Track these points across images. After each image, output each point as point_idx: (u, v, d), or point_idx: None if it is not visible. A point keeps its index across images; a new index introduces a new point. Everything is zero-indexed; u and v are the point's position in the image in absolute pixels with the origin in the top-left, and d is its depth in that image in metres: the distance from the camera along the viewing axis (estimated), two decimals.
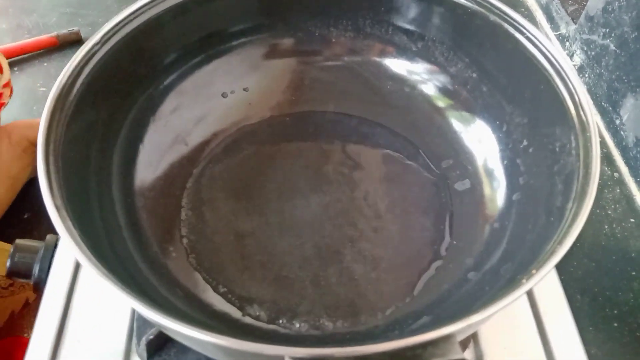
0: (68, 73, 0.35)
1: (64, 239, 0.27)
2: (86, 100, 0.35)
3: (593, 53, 0.70)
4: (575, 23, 0.76)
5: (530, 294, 0.41)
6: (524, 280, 0.27)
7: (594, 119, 0.33)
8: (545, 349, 0.39)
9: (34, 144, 0.67)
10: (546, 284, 0.41)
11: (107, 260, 0.28)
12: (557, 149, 0.35)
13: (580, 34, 0.73)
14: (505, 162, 0.40)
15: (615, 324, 0.49)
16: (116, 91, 0.38)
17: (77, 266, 0.41)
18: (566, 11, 0.80)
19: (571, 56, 0.71)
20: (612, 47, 0.66)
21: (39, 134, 0.31)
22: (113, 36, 0.37)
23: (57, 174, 0.30)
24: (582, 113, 0.34)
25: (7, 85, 0.62)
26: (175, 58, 0.42)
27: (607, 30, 0.66)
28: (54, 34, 0.89)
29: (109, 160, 0.37)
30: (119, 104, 0.39)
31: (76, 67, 0.35)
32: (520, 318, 0.40)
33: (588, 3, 0.71)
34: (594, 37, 0.70)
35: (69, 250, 0.27)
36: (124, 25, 0.37)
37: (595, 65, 0.69)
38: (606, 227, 0.57)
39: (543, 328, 0.39)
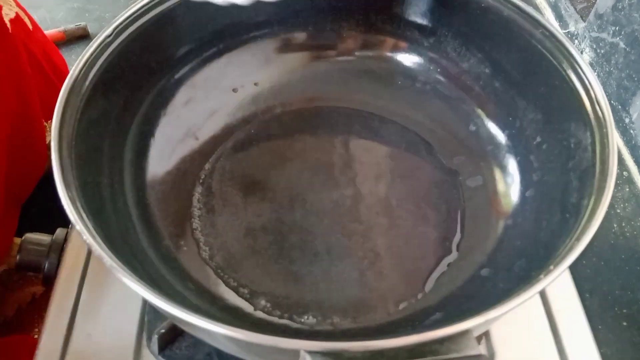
0: (80, 66, 0.34)
1: (79, 230, 0.27)
2: (98, 93, 0.35)
3: (602, 51, 0.70)
4: (584, 21, 0.75)
5: (542, 292, 0.40)
6: (541, 276, 0.27)
7: (610, 114, 0.33)
8: (557, 347, 0.38)
9: (47, 147, 0.67)
10: (558, 282, 0.41)
11: (120, 253, 0.28)
12: (572, 145, 0.35)
13: (589, 31, 0.73)
14: (518, 158, 0.40)
15: (625, 323, 0.48)
16: (128, 84, 0.38)
17: (88, 260, 0.41)
18: (575, 9, 0.80)
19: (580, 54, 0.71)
20: (621, 45, 0.65)
21: (52, 126, 0.31)
22: (125, 29, 0.37)
23: (70, 165, 0.30)
24: (598, 108, 0.33)
25: None
26: (187, 51, 0.42)
27: (617, 28, 0.65)
28: (61, 28, 0.89)
29: (121, 153, 0.37)
30: (130, 96, 0.38)
31: (88, 59, 0.35)
32: (532, 316, 0.40)
33: (598, 1, 0.70)
34: (604, 35, 0.70)
35: (85, 242, 0.26)
36: (137, 19, 0.37)
37: (605, 63, 0.69)
38: (615, 226, 0.57)
39: (555, 326, 0.39)
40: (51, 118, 0.61)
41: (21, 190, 0.60)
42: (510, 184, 0.40)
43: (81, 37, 0.88)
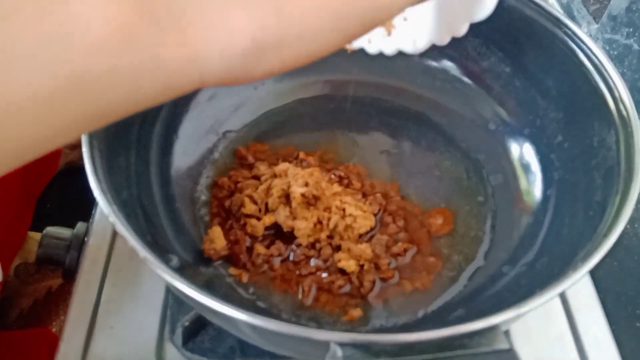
0: None
1: (112, 221, 0.27)
2: None
3: (615, 53, 0.70)
4: (597, 22, 0.75)
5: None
6: (570, 272, 0.27)
7: (635, 113, 0.33)
8: (577, 345, 0.39)
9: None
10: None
11: (152, 246, 0.28)
12: (595, 144, 0.35)
13: (602, 33, 0.73)
14: (539, 157, 0.40)
15: (638, 324, 0.48)
16: None
17: (110, 253, 0.41)
18: (588, 10, 0.79)
19: None
20: (635, 46, 0.65)
21: None
22: None
23: (101, 159, 0.30)
24: (622, 108, 0.34)
25: None
26: None
27: (631, 29, 0.65)
28: None
29: (147, 149, 0.37)
30: None
31: None
32: (551, 314, 0.40)
33: (611, 2, 0.70)
34: (617, 37, 0.70)
35: (120, 234, 0.27)
36: None
37: (618, 65, 0.69)
38: (628, 226, 0.57)
39: (574, 324, 0.39)
40: None
41: (36, 184, 0.61)
42: (531, 182, 0.40)
43: None
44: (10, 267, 0.57)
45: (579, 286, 0.41)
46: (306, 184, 0.37)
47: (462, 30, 0.32)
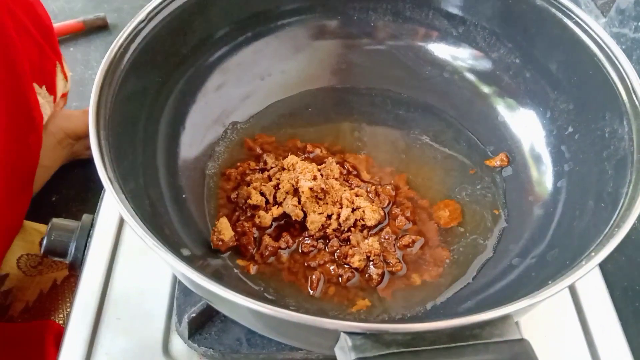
0: (114, 51, 0.34)
1: (120, 210, 0.27)
2: (131, 78, 0.35)
3: (623, 47, 0.69)
4: (605, 16, 0.75)
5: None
6: (583, 262, 0.27)
7: None
8: (586, 336, 0.38)
9: (70, 136, 0.67)
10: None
11: (161, 235, 0.28)
12: (607, 135, 0.35)
13: (610, 27, 0.72)
14: (549, 148, 0.40)
15: None
16: (161, 69, 0.38)
17: (116, 245, 0.41)
18: (595, 4, 0.79)
19: None
20: None
21: (90, 116, 0.31)
22: (158, 14, 0.37)
23: (108, 148, 0.30)
24: (634, 97, 0.33)
25: (65, 95, 0.66)
26: (221, 36, 0.42)
27: (639, 23, 0.65)
28: (80, 19, 0.89)
29: (154, 137, 0.37)
30: (163, 81, 0.38)
31: (122, 44, 0.35)
32: (561, 306, 0.39)
33: None
34: (625, 31, 0.69)
35: (128, 223, 0.26)
36: (170, 3, 0.37)
37: None
38: (636, 221, 0.57)
39: (584, 316, 0.39)
40: (43, 83, 0.60)
41: (23, 158, 0.57)
42: (542, 174, 0.39)
43: (100, 27, 0.88)
44: (2, 256, 0.55)
45: (589, 278, 0.41)
46: (314, 178, 0.37)
47: None
